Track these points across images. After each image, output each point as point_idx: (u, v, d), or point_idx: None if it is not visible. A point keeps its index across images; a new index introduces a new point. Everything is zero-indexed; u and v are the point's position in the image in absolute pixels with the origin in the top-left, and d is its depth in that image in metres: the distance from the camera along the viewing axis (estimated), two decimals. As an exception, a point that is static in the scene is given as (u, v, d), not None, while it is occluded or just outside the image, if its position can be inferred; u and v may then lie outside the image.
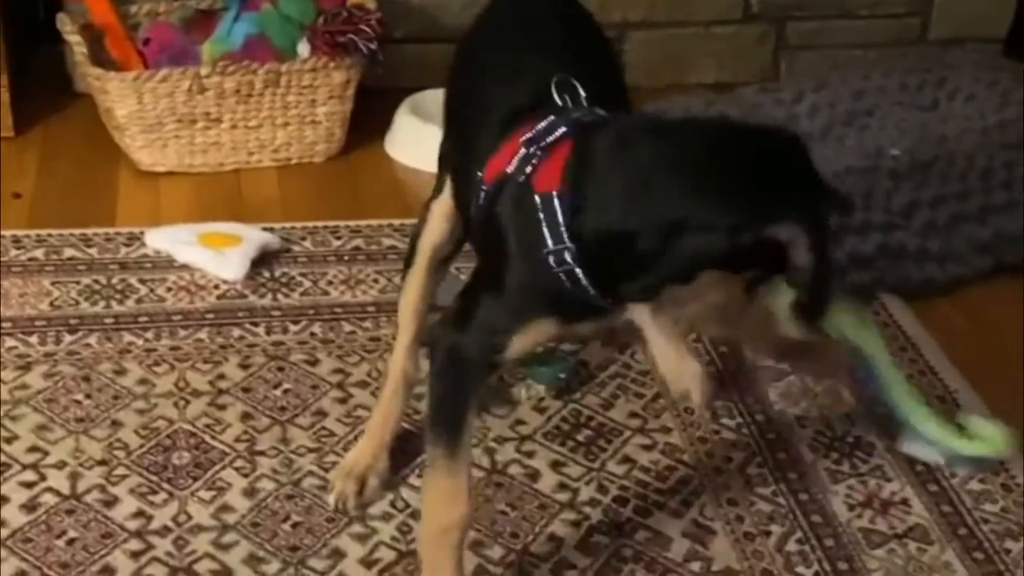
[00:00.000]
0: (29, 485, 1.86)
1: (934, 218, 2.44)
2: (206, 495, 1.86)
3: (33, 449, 1.93)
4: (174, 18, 2.81)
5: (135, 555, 1.76)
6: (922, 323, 2.30)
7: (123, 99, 2.62)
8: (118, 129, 2.69)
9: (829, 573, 1.79)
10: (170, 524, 1.81)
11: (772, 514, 1.89)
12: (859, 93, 2.92)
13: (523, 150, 1.53)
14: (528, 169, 1.52)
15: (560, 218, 1.47)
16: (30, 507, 1.83)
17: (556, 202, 1.47)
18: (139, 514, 1.83)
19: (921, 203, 2.48)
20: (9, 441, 1.94)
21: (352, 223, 2.54)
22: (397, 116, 2.85)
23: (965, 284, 2.41)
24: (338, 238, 2.49)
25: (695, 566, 1.79)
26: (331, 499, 1.86)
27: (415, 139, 2.81)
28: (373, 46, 2.68)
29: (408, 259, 1.89)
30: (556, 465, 1.96)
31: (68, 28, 2.70)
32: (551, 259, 1.48)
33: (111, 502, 1.84)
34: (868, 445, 2.03)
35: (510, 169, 1.54)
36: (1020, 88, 2.96)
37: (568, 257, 1.47)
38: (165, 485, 1.88)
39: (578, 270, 1.48)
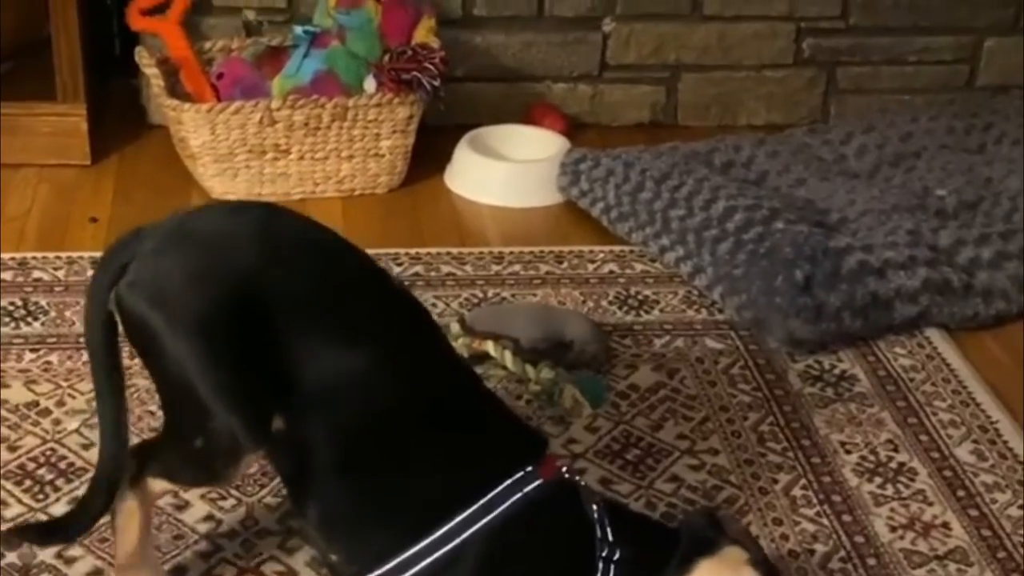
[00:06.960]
0: (106, 488, 1.96)
1: (979, 256, 2.50)
2: (272, 502, 1.95)
3: (109, 455, 2.03)
4: (246, 54, 2.93)
5: (205, 556, 1.86)
6: (965, 356, 2.37)
7: (197, 129, 2.74)
8: (191, 158, 2.81)
9: (870, 590, 1.86)
10: (238, 528, 1.91)
11: (816, 533, 1.95)
12: (907, 135, 2.99)
13: None
14: None
15: None
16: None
17: None
18: (209, 518, 1.92)
19: (966, 241, 2.54)
20: (87, 448, 2.04)
21: (412, 251, 2.64)
22: (457, 151, 2.96)
23: (1008, 320, 2.48)
24: (399, 265, 2.59)
25: (740, 580, 1.85)
26: None
27: (474, 172, 2.91)
28: (437, 83, 2.78)
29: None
30: (606, 482, 2.03)
31: (146, 61, 2.83)
32: None
33: (183, 506, 1.93)
34: (911, 471, 2.09)
35: None
36: (1066, 133, 3.01)
37: None
38: (234, 491, 1.97)
39: None
